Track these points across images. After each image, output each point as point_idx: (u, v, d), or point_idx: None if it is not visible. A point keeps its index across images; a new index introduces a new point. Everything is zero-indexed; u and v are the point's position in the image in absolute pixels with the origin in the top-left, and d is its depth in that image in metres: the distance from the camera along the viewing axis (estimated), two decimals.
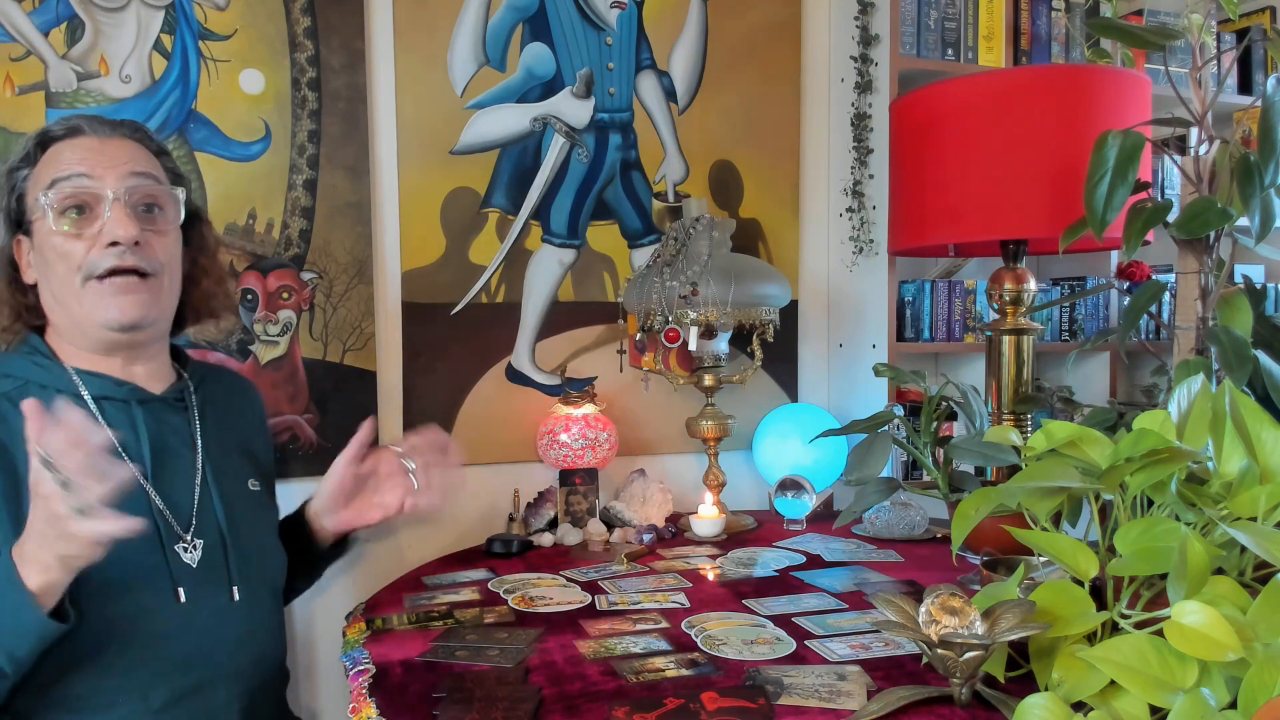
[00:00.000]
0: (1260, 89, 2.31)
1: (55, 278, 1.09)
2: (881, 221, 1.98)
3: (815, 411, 1.98)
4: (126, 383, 1.14)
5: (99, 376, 1.12)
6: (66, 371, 1.12)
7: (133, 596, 1.06)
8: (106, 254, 1.07)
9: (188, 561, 1.11)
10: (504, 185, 1.89)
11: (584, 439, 1.78)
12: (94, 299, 1.08)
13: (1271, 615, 0.77)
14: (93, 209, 1.08)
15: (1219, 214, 1.17)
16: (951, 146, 1.41)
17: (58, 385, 1.11)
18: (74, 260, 1.07)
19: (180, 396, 1.20)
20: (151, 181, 1.13)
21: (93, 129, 1.12)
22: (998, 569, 1.12)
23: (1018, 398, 1.46)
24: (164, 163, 1.18)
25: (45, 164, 1.11)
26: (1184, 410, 0.96)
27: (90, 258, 1.07)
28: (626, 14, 1.95)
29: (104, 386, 1.12)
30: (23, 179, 1.12)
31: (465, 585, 1.43)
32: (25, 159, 1.12)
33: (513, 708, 0.94)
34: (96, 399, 1.11)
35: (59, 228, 1.07)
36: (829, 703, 0.94)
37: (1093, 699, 0.81)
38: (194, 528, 1.13)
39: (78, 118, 1.14)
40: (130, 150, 1.13)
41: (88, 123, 1.13)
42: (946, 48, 2.02)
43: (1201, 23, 1.30)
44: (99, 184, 1.08)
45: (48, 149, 1.12)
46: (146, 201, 1.12)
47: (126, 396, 1.13)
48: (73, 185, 1.08)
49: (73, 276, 1.08)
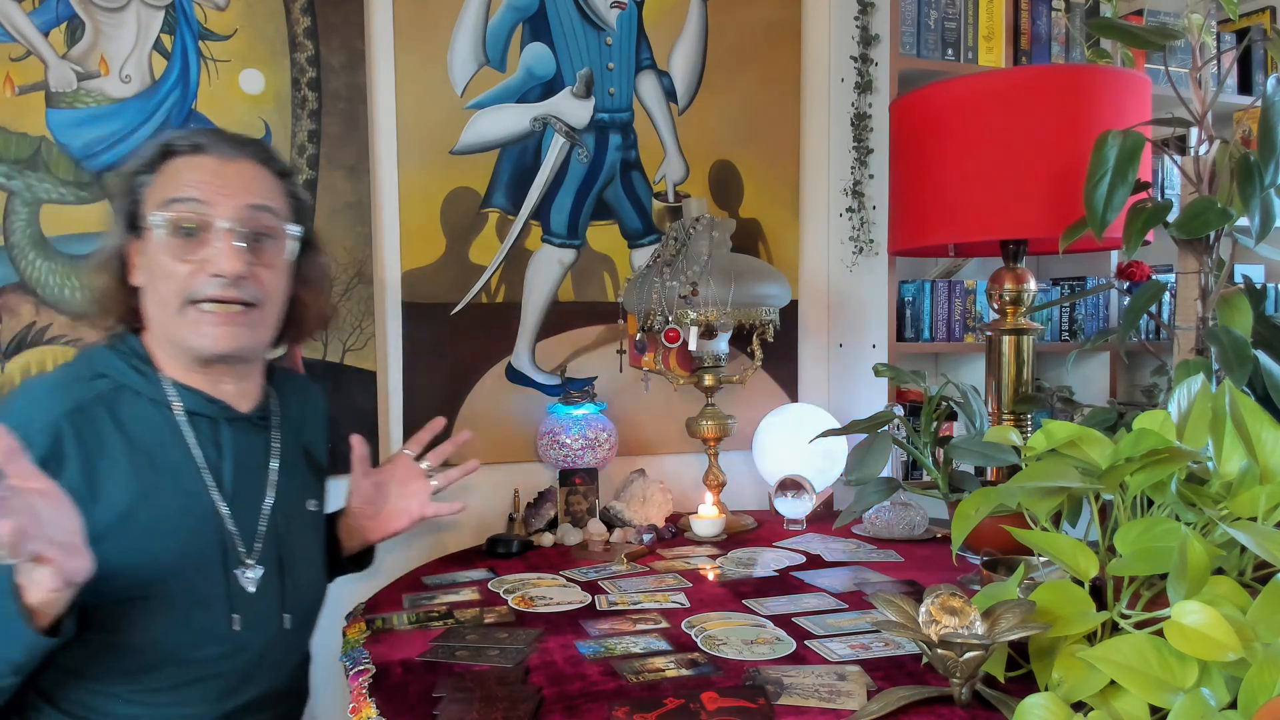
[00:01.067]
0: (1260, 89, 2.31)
1: (158, 293, 1.08)
2: (881, 221, 1.98)
3: (815, 411, 1.98)
4: (217, 400, 1.12)
5: (193, 391, 1.11)
6: (163, 381, 1.10)
7: (190, 617, 1.06)
8: (209, 283, 1.06)
9: (244, 585, 1.10)
10: (504, 185, 1.89)
11: (584, 439, 1.78)
12: (191, 324, 1.07)
13: (1271, 615, 0.77)
14: (202, 235, 1.07)
15: (1219, 214, 1.17)
16: (951, 146, 1.41)
17: (153, 395, 1.09)
18: (177, 282, 1.06)
19: (264, 415, 1.19)
20: (268, 214, 1.11)
21: (217, 149, 1.10)
22: (998, 569, 1.12)
23: (1018, 398, 1.46)
24: (286, 186, 1.16)
25: (164, 177, 1.09)
26: (1184, 410, 0.96)
27: (194, 283, 1.06)
28: (626, 14, 1.95)
29: (197, 402, 1.11)
30: (141, 185, 1.10)
31: (465, 585, 1.43)
32: (146, 166, 1.10)
33: (513, 708, 0.94)
34: (189, 413, 1.10)
35: (166, 247, 1.06)
36: (829, 703, 0.94)
37: (1093, 699, 0.81)
38: (258, 552, 1.13)
39: (203, 133, 1.12)
40: (251, 176, 1.11)
41: (213, 141, 1.11)
42: (946, 48, 2.02)
43: (1201, 23, 1.30)
44: (212, 211, 1.07)
45: (169, 160, 1.10)
46: (258, 232, 1.10)
47: (216, 415, 1.12)
48: (186, 209, 1.06)
49: (175, 298, 1.07)
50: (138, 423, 1.07)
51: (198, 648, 1.06)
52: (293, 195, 1.17)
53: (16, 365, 1.58)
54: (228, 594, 1.08)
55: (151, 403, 1.09)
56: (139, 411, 1.08)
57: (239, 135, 1.15)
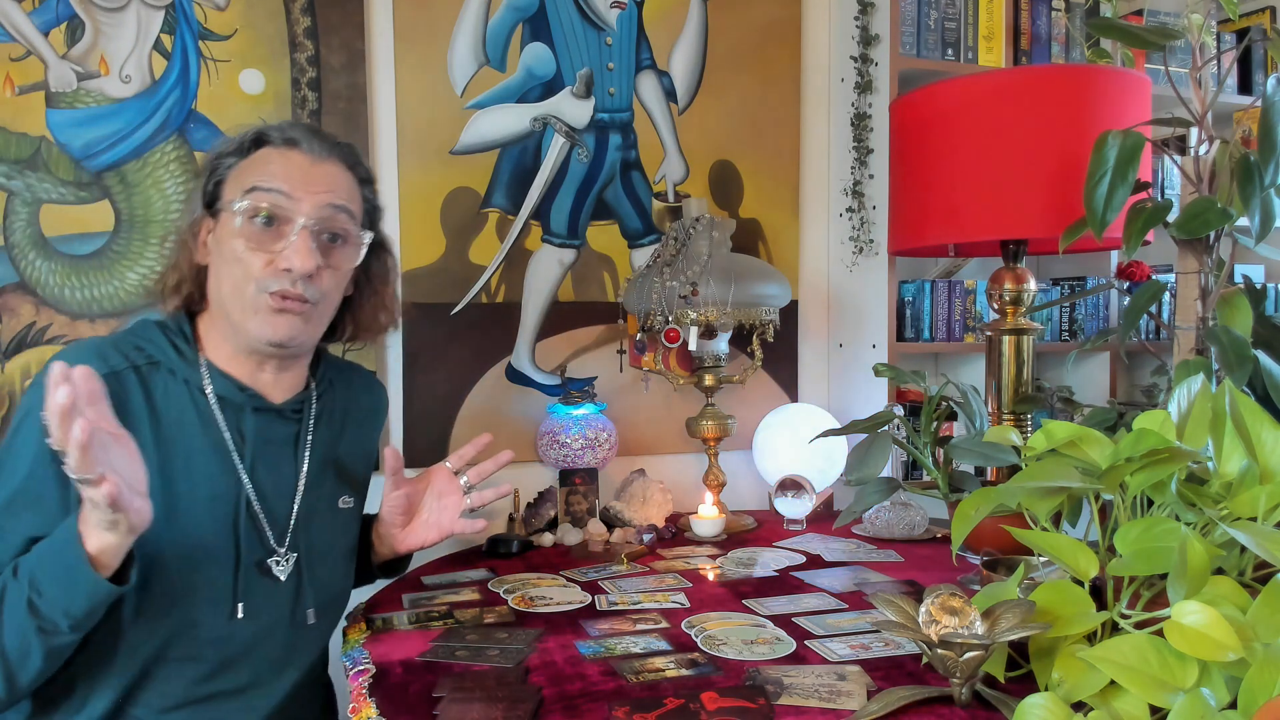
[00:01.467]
0: (1260, 89, 2.31)
1: (228, 277, 1.10)
2: (881, 221, 1.98)
3: (815, 411, 1.98)
4: (248, 388, 1.14)
5: (226, 377, 1.12)
6: (200, 363, 1.12)
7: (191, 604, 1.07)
8: (280, 276, 1.08)
9: (278, 574, 1.12)
10: (504, 185, 1.89)
11: (584, 439, 1.78)
12: (254, 311, 1.09)
13: (1271, 615, 0.77)
14: (280, 226, 1.09)
15: (1219, 214, 1.17)
16: (951, 146, 1.41)
17: (185, 375, 1.11)
18: (250, 270, 1.08)
19: (299, 408, 1.19)
20: (346, 216, 1.13)
21: (309, 146, 1.12)
22: (998, 569, 1.12)
23: (1018, 398, 1.46)
24: (365, 193, 1.18)
25: (253, 164, 1.11)
26: (1184, 410, 0.96)
27: (264, 274, 1.08)
28: (626, 14, 1.95)
29: (226, 388, 1.12)
30: (227, 167, 1.12)
31: (465, 585, 1.43)
32: (237, 150, 1.12)
33: (512, 708, 0.94)
34: (218, 396, 1.12)
35: (244, 232, 1.08)
36: (829, 703, 0.94)
37: (1093, 699, 0.81)
38: (289, 542, 1.14)
39: (299, 128, 1.14)
40: (336, 177, 1.13)
41: (306, 138, 1.13)
42: (946, 48, 2.02)
43: (1201, 23, 1.30)
44: (295, 206, 1.09)
45: (260, 149, 1.12)
46: (333, 232, 1.12)
47: (244, 403, 1.13)
48: (269, 199, 1.08)
49: (246, 284, 1.08)
50: (167, 399, 1.09)
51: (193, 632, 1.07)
52: (370, 202, 1.19)
53: (16, 365, 1.58)
54: (236, 578, 1.09)
55: (184, 383, 1.11)
56: (170, 389, 1.10)
57: (332, 135, 1.17)
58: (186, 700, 1.08)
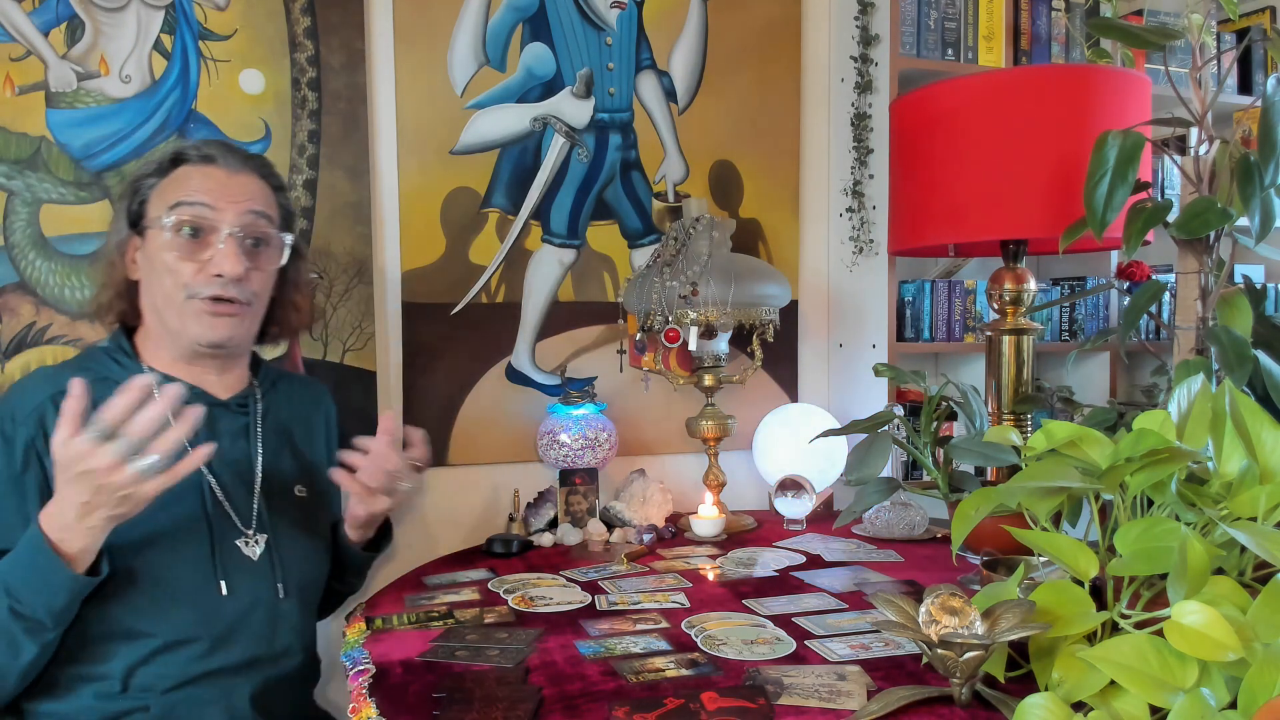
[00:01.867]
0: (1260, 89, 2.31)
1: (160, 289, 1.18)
2: (881, 221, 1.98)
3: (815, 411, 1.98)
4: (194, 387, 1.21)
5: (170, 380, 1.17)
6: (143, 372, 1.19)
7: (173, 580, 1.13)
8: (211, 282, 1.17)
9: (248, 554, 1.20)
10: (504, 185, 1.89)
11: (584, 439, 1.78)
12: (192, 315, 1.18)
13: (1271, 615, 0.77)
14: (206, 237, 1.18)
15: (1219, 214, 1.17)
16: (951, 146, 1.41)
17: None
18: (181, 278, 1.17)
19: (244, 402, 1.28)
20: (265, 221, 1.22)
21: (225, 161, 1.22)
22: (998, 569, 1.12)
23: (1018, 398, 1.46)
24: (279, 199, 1.27)
25: (173, 182, 1.19)
26: (1184, 410, 0.96)
27: (196, 281, 1.17)
28: (626, 14, 1.95)
29: None
30: (149, 187, 1.21)
31: (465, 585, 1.43)
32: (157, 170, 1.21)
33: (512, 708, 0.94)
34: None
35: (172, 245, 1.16)
36: (829, 703, 0.94)
37: (1093, 699, 0.81)
38: (255, 524, 1.22)
39: (214, 145, 1.23)
40: (254, 187, 1.22)
41: (222, 154, 1.22)
42: (946, 48, 2.02)
43: (1201, 23, 1.30)
44: (218, 216, 1.18)
45: (179, 167, 1.21)
46: (255, 237, 1.21)
47: (190, 400, 1.16)
48: (194, 212, 1.17)
49: (178, 292, 1.17)
50: None
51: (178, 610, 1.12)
52: (284, 207, 1.29)
53: (16, 365, 1.58)
54: (214, 557, 1.16)
55: None
56: None
57: (243, 150, 1.27)
58: (183, 680, 1.12)
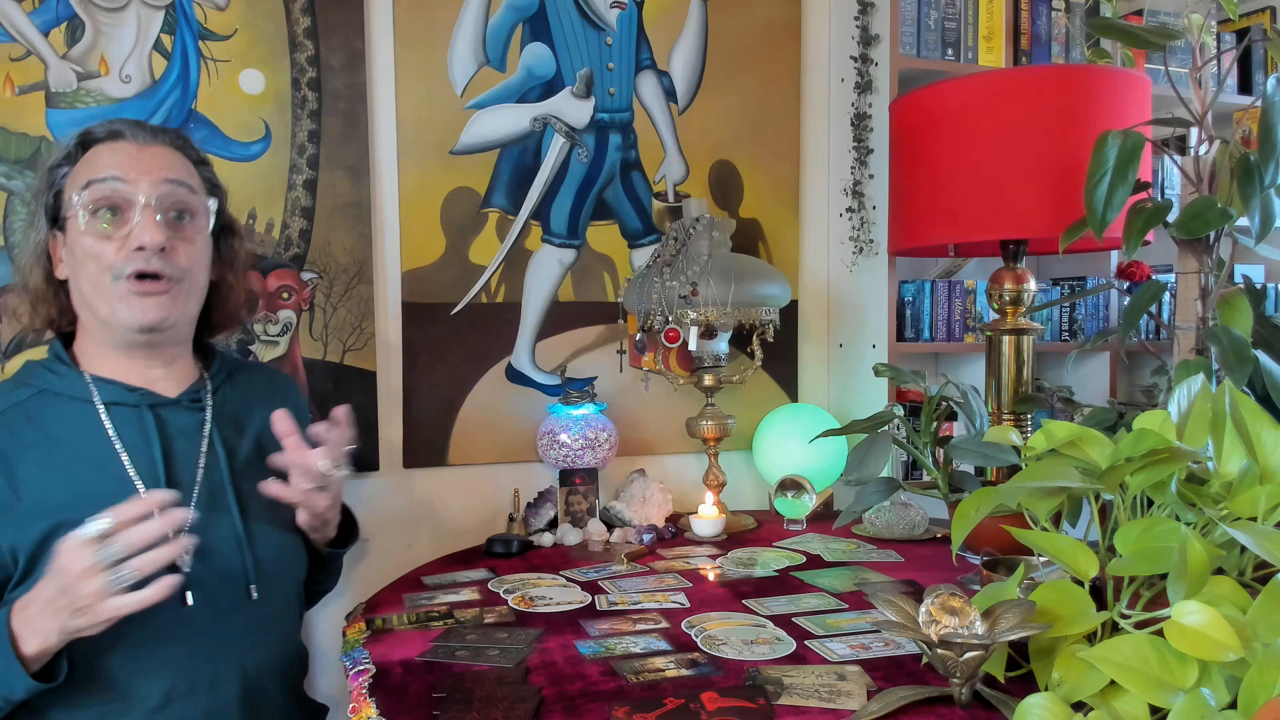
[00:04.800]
0: (1260, 89, 2.31)
1: (85, 276, 1.12)
2: (881, 221, 1.98)
3: (815, 411, 1.98)
4: (138, 388, 1.15)
5: (111, 383, 1.14)
6: (82, 378, 1.14)
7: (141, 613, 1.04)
8: (133, 257, 1.10)
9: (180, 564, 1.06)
10: (504, 185, 1.89)
11: (584, 439, 1.78)
12: (120, 297, 1.11)
13: (1271, 615, 0.77)
14: (124, 212, 1.11)
15: (1219, 214, 1.17)
16: (951, 146, 1.41)
17: (70, 392, 1.13)
18: (104, 260, 1.10)
19: (196, 397, 1.20)
20: (184, 189, 1.15)
21: (133, 135, 1.14)
22: (998, 569, 1.12)
23: (1018, 398, 1.46)
24: (201, 172, 1.20)
25: (84, 164, 1.13)
26: (1184, 410, 0.96)
27: (118, 260, 1.10)
28: (626, 14, 1.95)
29: (115, 393, 1.14)
30: (62, 176, 1.14)
31: (465, 585, 1.43)
32: (66, 157, 1.14)
33: (512, 708, 0.94)
34: (106, 404, 1.13)
35: (90, 228, 1.10)
36: (829, 703, 0.94)
37: (1093, 699, 0.81)
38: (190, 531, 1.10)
39: (120, 121, 1.16)
40: (167, 157, 1.15)
41: (129, 128, 1.15)
42: (946, 48, 2.02)
43: (1201, 23, 1.30)
44: (131, 189, 1.11)
45: (88, 149, 1.14)
46: (178, 208, 1.14)
47: (137, 402, 1.15)
48: (107, 188, 1.10)
49: (103, 276, 1.10)
50: (60, 422, 1.12)
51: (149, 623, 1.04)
52: (208, 179, 1.21)
53: (15, 365, 1.58)
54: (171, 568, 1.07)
55: (72, 400, 1.13)
56: (61, 411, 1.12)
57: (154, 125, 1.19)
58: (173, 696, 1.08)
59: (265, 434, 1.24)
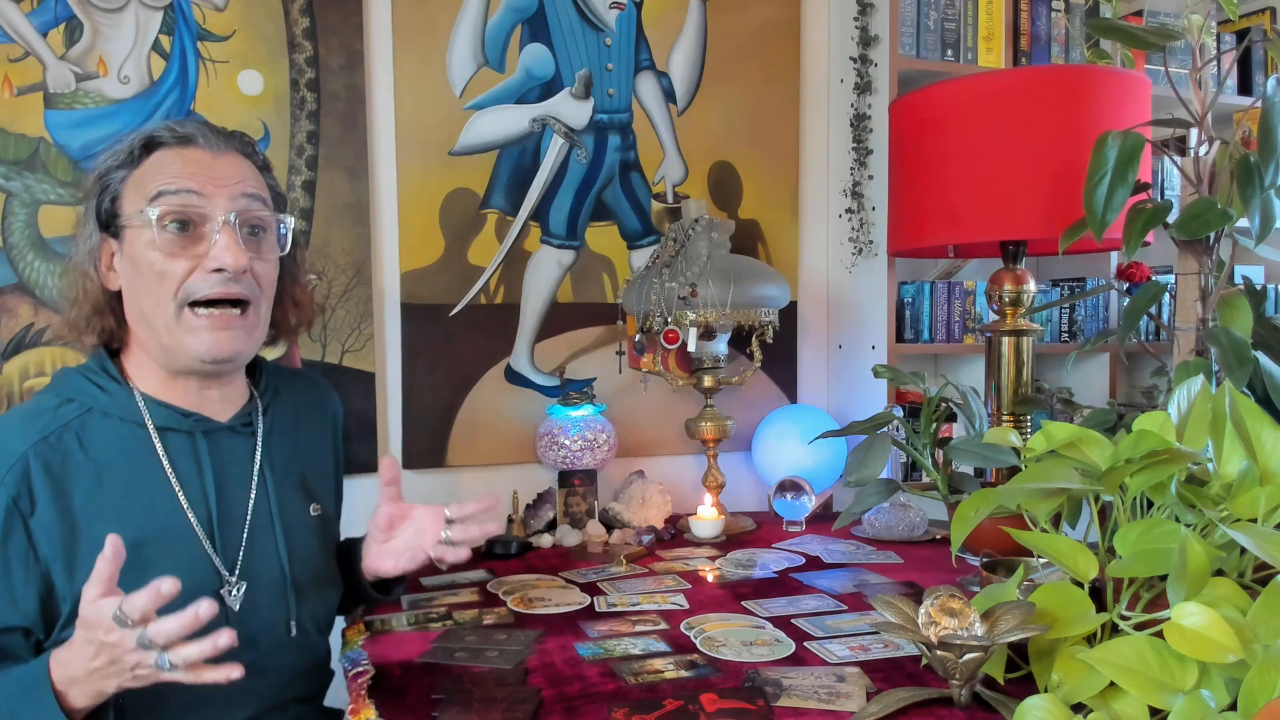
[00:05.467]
0: (1260, 89, 2.31)
1: (148, 295, 1.02)
2: (881, 222, 1.98)
3: (814, 413, 1.98)
4: (193, 413, 1.07)
5: (165, 407, 1.06)
6: (133, 398, 1.05)
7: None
8: (210, 279, 1.01)
9: (230, 605, 1.04)
10: (503, 186, 1.89)
11: (583, 440, 1.78)
12: (187, 329, 1.02)
13: (1271, 617, 0.77)
14: (198, 228, 1.02)
15: (1219, 215, 1.17)
16: (951, 147, 1.41)
17: (120, 413, 1.04)
18: (172, 281, 1.01)
19: (248, 421, 1.12)
20: (259, 204, 1.06)
21: (207, 141, 1.05)
22: (997, 570, 1.12)
23: (1017, 399, 1.46)
24: (268, 180, 1.12)
25: (149, 170, 1.03)
26: (1184, 411, 0.96)
27: (191, 281, 1.01)
28: (625, 15, 1.95)
29: (169, 417, 1.06)
30: (119, 180, 1.04)
31: (464, 586, 1.42)
32: (127, 160, 1.04)
33: (512, 709, 0.94)
34: (160, 429, 1.05)
35: (160, 243, 1.00)
36: (828, 704, 0.94)
37: (1092, 700, 0.80)
38: (240, 568, 1.06)
39: (192, 125, 1.06)
40: (241, 167, 1.06)
41: (202, 133, 1.05)
42: (946, 48, 2.02)
43: (1201, 23, 1.30)
44: (209, 203, 1.01)
45: (153, 153, 1.04)
46: (252, 224, 1.05)
47: (191, 428, 1.07)
48: (181, 200, 1.00)
49: (169, 299, 1.01)
50: (109, 446, 1.03)
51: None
52: (273, 188, 1.13)
53: (15, 366, 1.58)
54: (225, 617, 1.02)
55: (122, 421, 1.04)
56: (110, 433, 1.03)
57: (222, 128, 1.10)
58: None
59: (313, 451, 1.20)
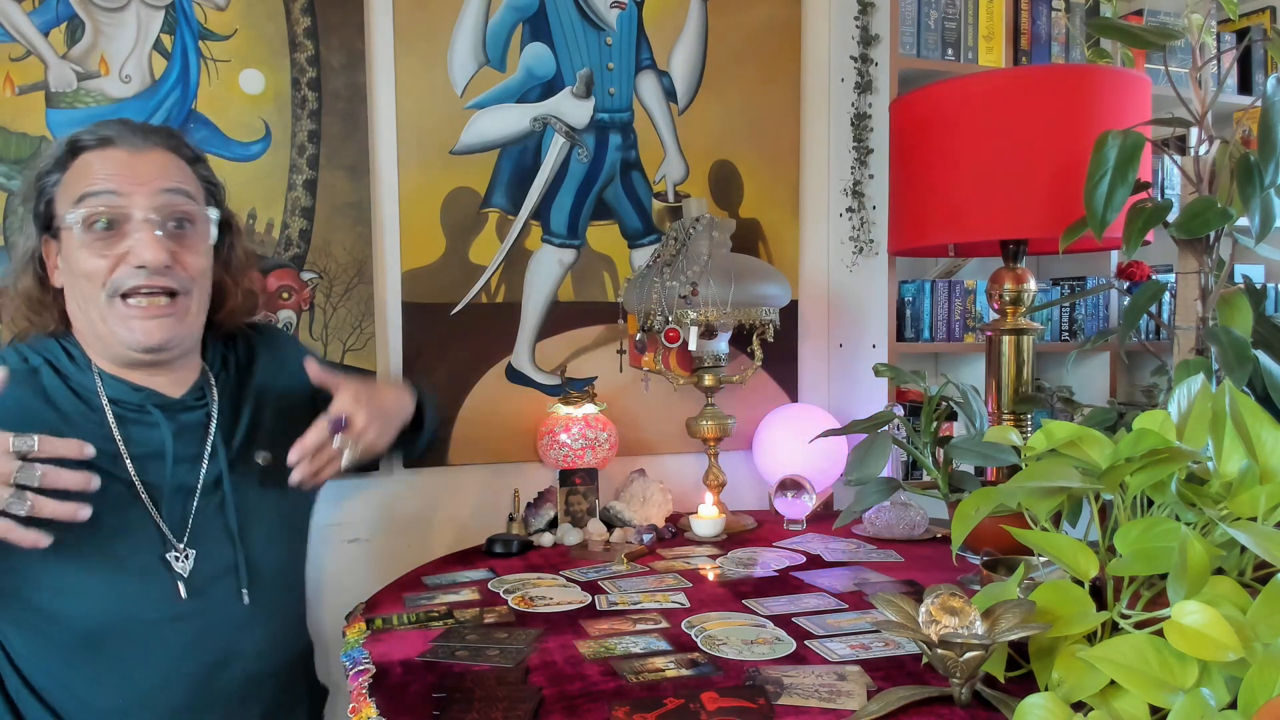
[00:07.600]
0: (1260, 89, 2.31)
1: (80, 292, 1.08)
2: (881, 221, 1.98)
3: (815, 411, 1.98)
4: (143, 388, 1.13)
5: (117, 381, 1.12)
6: (92, 371, 1.12)
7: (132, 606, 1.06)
8: (135, 274, 1.06)
9: (179, 571, 1.10)
10: (504, 185, 1.89)
11: (584, 439, 1.78)
12: (120, 319, 1.07)
13: (1271, 615, 0.77)
14: (120, 227, 1.06)
15: (1219, 214, 1.17)
16: (951, 146, 1.41)
17: (79, 379, 1.12)
18: (99, 278, 1.06)
19: (201, 396, 1.18)
20: (183, 198, 1.10)
21: (124, 140, 1.09)
22: (998, 569, 1.12)
23: (1018, 398, 1.46)
24: (198, 171, 1.15)
25: (75, 173, 1.08)
26: (1184, 410, 0.96)
27: (116, 276, 1.06)
28: (626, 14, 1.95)
29: (120, 390, 1.12)
30: (53, 184, 1.09)
31: (465, 585, 1.43)
32: (56, 164, 1.09)
33: (512, 708, 0.94)
34: (113, 401, 1.12)
35: (85, 244, 1.06)
36: (829, 703, 0.94)
37: (1093, 699, 0.81)
38: (188, 536, 1.12)
39: (110, 125, 1.10)
40: (163, 163, 1.10)
41: (119, 132, 1.09)
42: (946, 48, 2.02)
43: (1201, 23, 1.30)
44: (127, 202, 1.06)
45: (78, 157, 1.09)
46: (176, 217, 1.10)
47: (142, 402, 1.13)
48: (101, 202, 1.05)
49: (98, 293, 1.06)
50: (69, 406, 1.09)
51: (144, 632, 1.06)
52: (207, 180, 1.16)
53: None
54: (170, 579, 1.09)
55: (78, 388, 1.11)
56: (70, 397, 1.10)
57: (146, 124, 1.13)
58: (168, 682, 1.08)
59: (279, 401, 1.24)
